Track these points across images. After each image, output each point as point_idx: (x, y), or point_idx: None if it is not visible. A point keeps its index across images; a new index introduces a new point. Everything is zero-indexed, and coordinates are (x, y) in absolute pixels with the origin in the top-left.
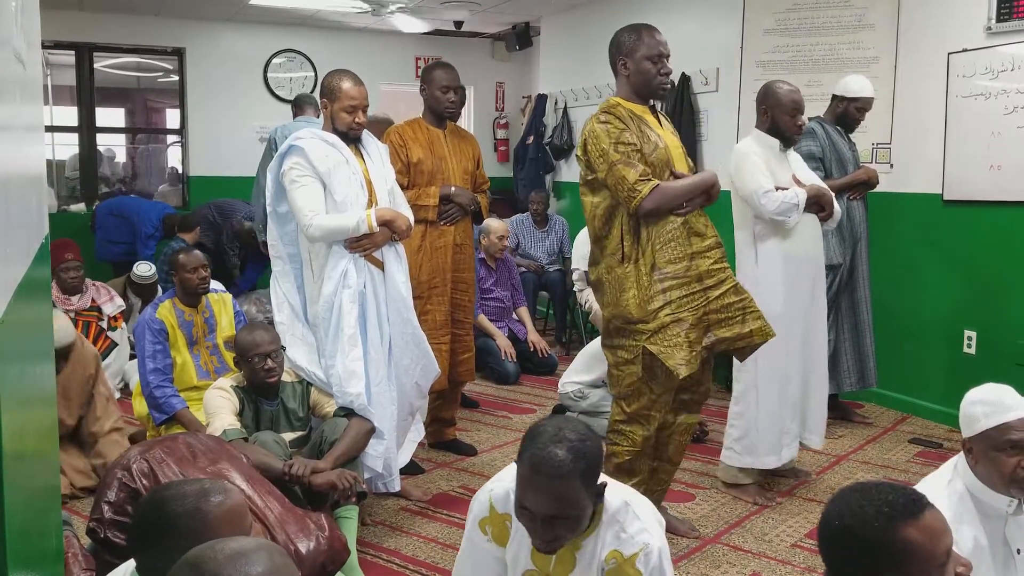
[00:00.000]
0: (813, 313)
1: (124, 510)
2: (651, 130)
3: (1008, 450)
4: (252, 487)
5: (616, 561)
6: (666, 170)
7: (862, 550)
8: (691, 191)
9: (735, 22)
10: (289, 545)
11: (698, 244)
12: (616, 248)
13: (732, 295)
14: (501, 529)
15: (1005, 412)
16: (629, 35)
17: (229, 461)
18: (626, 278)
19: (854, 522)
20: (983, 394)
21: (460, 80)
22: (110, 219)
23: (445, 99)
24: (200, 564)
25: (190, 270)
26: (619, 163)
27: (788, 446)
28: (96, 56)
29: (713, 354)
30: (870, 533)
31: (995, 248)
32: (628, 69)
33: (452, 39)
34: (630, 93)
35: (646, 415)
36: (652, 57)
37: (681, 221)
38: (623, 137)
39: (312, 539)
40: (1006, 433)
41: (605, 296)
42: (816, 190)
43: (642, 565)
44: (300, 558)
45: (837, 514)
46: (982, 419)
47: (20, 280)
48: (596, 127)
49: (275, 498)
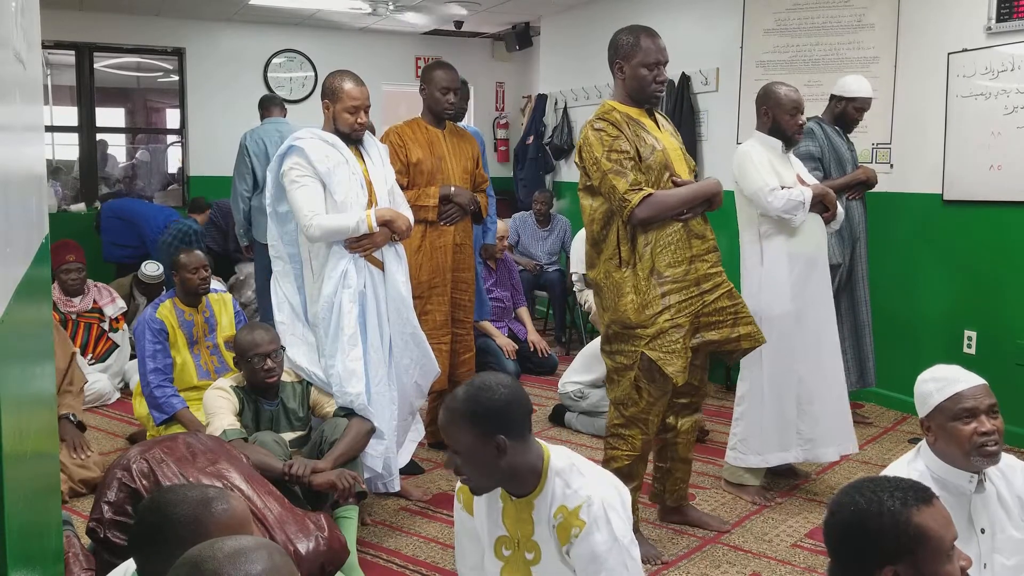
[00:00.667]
0: (822, 312)
1: (124, 510)
2: (648, 133)
3: (964, 418)
4: (252, 487)
5: (563, 515)
6: (665, 172)
7: (877, 535)
8: (689, 201)
9: (735, 22)
10: (288, 545)
11: (698, 247)
12: (613, 253)
13: (726, 299)
14: (468, 496)
15: (955, 383)
16: (628, 38)
17: (229, 461)
18: (624, 283)
19: (869, 508)
20: (933, 373)
21: (460, 80)
22: (115, 222)
23: (444, 100)
24: (200, 563)
25: (191, 270)
26: (610, 172)
27: (801, 446)
28: (96, 56)
29: (706, 355)
30: (886, 518)
31: (995, 248)
32: (624, 73)
33: (452, 39)
34: (625, 96)
35: (644, 419)
36: (649, 64)
37: (681, 224)
38: (616, 145)
39: (311, 539)
40: (959, 402)
41: (604, 300)
42: (821, 189)
43: (585, 515)
44: (299, 558)
45: (849, 502)
46: (935, 394)
47: (20, 280)
48: (590, 134)
49: (275, 498)
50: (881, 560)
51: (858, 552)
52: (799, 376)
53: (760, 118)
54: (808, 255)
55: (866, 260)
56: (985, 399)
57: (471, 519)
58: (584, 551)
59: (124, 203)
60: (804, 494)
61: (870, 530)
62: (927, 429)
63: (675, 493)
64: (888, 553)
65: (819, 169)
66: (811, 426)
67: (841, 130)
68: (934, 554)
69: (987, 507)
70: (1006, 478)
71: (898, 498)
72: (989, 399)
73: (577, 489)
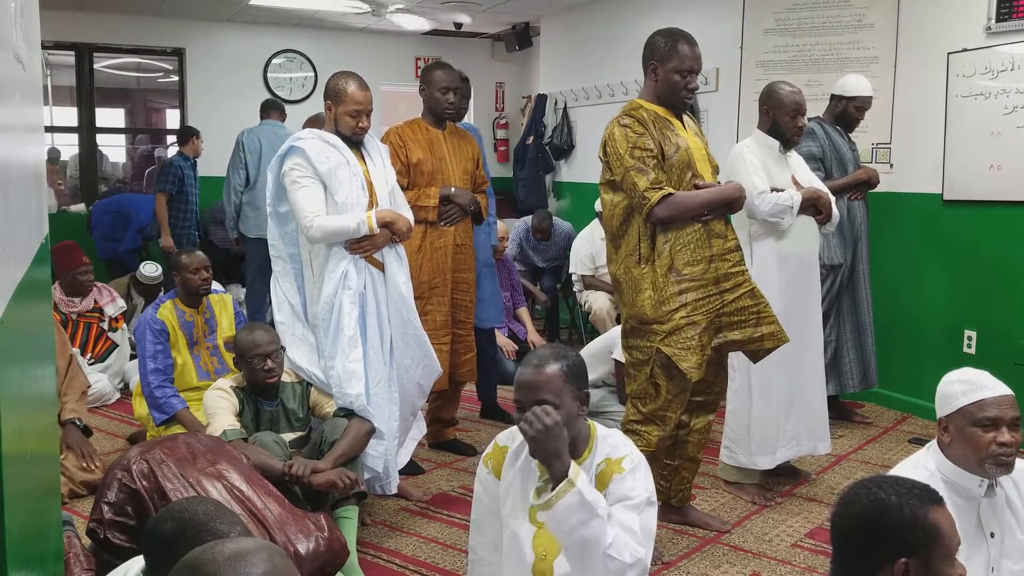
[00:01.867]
0: (808, 314)
1: (124, 511)
2: (674, 132)
3: (985, 425)
4: (251, 487)
5: (606, 463)
6: (687, 172)
7: (896, 527)
8: (709, 204)
9: (735, 22)
10: (288, 546)
11: (719, 246)
12: (633, 249)
13: (748, 299)
14: (498, 460)
15: (982, 390)
16: (665, 41)
17: (229, 461)
18: (643, 279)
19: (885, 503)
20: (961, 375)
21: (461, 77)
22: (107, 217)
23: (444, 100)
24: (200, 567)
25: (192, 271)
26: (632, 169)
27: (785, 447)
28: (96, 56)
29: (725, 355)
30: (905, 512)
31: (995, 248)
32: (657, 75)
33: (452, 39)
34: (654, 97)
35: (662, 416)
36: (682, 71)
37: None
38: (640, 142)
39: (311, 540)
40: (983, 409)
41: (623, 296)
42: (813, 192)
43: (627, 464)
44: (299, 559)
45: (867, 494)
46: (960, 396)
47: (20, 280)
48: (615, 130)
49: (274, 499)
50: (896, 552)
51: (872, 544)
52: (786, 377)
53: (761, 117)
54: (798, 256)
55: (867, 260)
56: (1010, 411)
57: (496, 484)
58: (618, 489)
59: (113, 199)
60: (804, 494)
61: (889, 521)
62: (944, 429)
63: (680, 493)
64: (904, 546)
65: (820, 169)
66: (795, 424)
67: (842, 130)
68: (944, 554)
69: (996, 512)
70: (1016, 483)
71: (916, 495)
72: (1014, 411)
73: (621, 448)
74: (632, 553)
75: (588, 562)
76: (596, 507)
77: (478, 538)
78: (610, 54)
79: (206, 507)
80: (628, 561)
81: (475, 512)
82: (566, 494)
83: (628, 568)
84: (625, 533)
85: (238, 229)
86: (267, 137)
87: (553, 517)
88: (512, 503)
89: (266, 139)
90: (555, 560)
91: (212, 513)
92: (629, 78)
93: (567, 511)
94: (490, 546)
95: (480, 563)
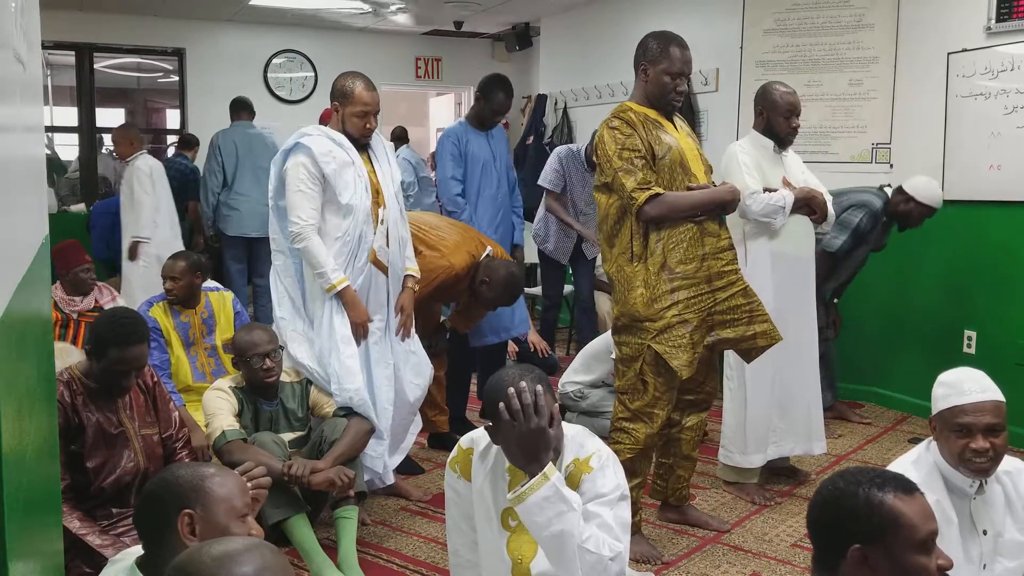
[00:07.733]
0: (803, 313)
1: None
2: (664, 133)
3: (958, 431)
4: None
5: (574, 464)
6: (679, 171)
7: (850, 513)
8: (700, 206)
9: (735, 22)
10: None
11: (712, 245)
12: (626, 247)
13: (741, 297)
14: (466, 463)
15: (960, 395)
16: (657, 43)
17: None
18: (635, 277)
19: (847, 489)
20: (949, 376)
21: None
22: (106, 217)
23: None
24: (188, 568)
25: (169, 277)
26: (620, 170)
27: (776, 443)
28: (96, 56)
29: (716, 353)
30: (861, 499)
31: (995, 248)
32: (647, 76)
33: (452, 39)
34: (643, 98)
35: (649, 412)
36: (672, 73)
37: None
38: (628, 143)
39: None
40: (957, 416)
41: (615, 293)
42: (806, 192)
43: (595, 463)
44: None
45: (830, 484)
46: (940, 400)
47: (20, 280)
48: (604, 133)
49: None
50: (851, 539)
51: (830, 530)
52: (779, 376)
53: (756, 117)
54: (792, 255)
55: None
56: (984, 418)
57: (467, 488)
58: (591, 488)
59: (113, 199)
60: (804, 494)
61: (844, 508)
62: (934, 428)
63: (677, 492)
64: (858, 533)
65: (865, 243)
66: (790, 424)
67: (897, 224)
68: (906, 542)
69: (990, 509)
70: (1013, 481)
71: (876, 483)
72: (990, 418)
73: (588, 447)
74: (611, 547)
75: (564, 558)
76: (571, 501)
77: (459, 540)
78: (610, 54)
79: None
80: (607, 555)
81: (450, 516)
82: (541, 487)
83: (609, 562)
84: (601, 529)
85: (216, 227)
86: (240, 138)
87: (527, 511)
88: (484, 510)
89: (240, 141)
90: (531, 562)
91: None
92: (629, 78)
93: (542, 503)
94: (472, 546)
95: (463, 566)
